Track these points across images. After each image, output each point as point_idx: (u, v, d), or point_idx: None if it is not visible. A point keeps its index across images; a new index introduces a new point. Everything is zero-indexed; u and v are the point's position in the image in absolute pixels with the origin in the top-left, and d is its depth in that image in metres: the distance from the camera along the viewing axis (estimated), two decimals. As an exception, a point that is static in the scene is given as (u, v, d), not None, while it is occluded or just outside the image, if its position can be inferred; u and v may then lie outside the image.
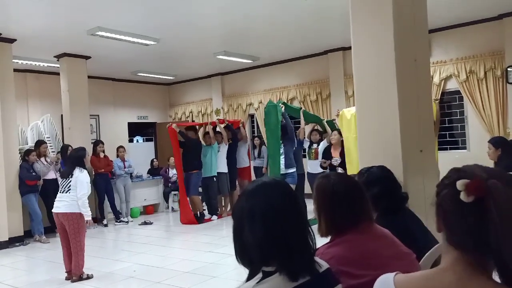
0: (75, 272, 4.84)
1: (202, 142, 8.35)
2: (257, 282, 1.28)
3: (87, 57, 8.62)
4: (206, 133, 8.48)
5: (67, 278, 4.91)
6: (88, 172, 5.09)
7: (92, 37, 6.96)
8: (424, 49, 3.59)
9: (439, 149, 7.75)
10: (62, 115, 8.94)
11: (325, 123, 7.56)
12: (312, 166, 7.30)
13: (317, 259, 1.41)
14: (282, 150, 6.80)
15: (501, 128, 7.44)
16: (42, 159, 7.43)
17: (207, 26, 7.19)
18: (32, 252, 6.57)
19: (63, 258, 4.97)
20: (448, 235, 1.03)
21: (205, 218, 8.14)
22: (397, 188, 2.36)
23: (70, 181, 4.83)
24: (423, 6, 3.53)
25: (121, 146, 9.12)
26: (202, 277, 4.78)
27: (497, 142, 4.73)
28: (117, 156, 8.92)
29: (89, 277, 4.92)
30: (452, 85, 8.06)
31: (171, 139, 8.04)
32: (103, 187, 8.27)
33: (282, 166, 6.77)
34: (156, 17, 6.50)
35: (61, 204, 4.80)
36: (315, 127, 7.79)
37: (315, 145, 7.38)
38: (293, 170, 6.88)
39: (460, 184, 0.96)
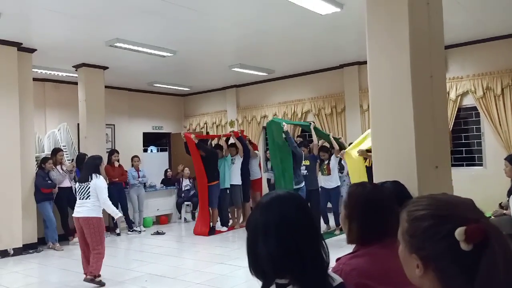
0: (91, 272, 4.94)
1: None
2: None
3: (104, 68, 8.77)
4: (218, 145, 8.52)
5: (85, 280, 5.00)
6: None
7: (110, 48, 7.10)
8: (440, 65, 3.57)
9: (455, 165, 7.68)
10: (78, 124, 9.08)
11: (332, 138, 7.56)
12: (325, 181, 7.50)
13: (330, 273, 1.40)
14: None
15: (518, 145, 7.33)
16: (58, 167, 7.53)
17: (223, 40, 7.27)
18: (45, 259, 6.63)
19: (81, 262, 5.09)
20: (444, 285, 0.96)
21: (216, 229, 8.14)
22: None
23: (89, 187, 4.98)
24: (439, 22, 3.53)
25: (135, 156, 9.20)
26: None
27: None
28: (132, 165, 9.00)
29: (101, 283, 4.97)
30: (468, 101, 7.98)
31: (189, 146, 7.94)
32: (117, 196, 8.32)
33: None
34: (173, 30, 6.60)
35: (82, 209, 4.95)
36: (323, 143, 7.74)
37: (325, 161, 7.47)
38: (301, 185, 6.95)
39: (459, 233, 0.90)
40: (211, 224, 8.08)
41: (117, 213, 5.21)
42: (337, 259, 1.69)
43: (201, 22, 6.26)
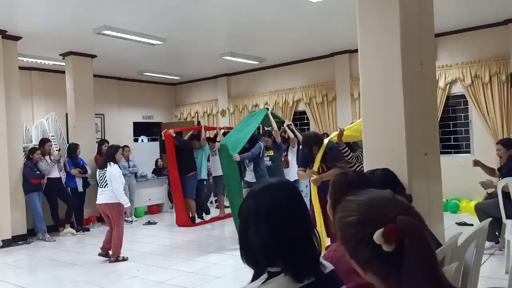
0: (113, 253, 5.56)
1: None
2: (263, 283, 1.29)
3: (93, 56, 8.65)
4: (194, 136, 8.47)
5: (99, 254, 5.67)
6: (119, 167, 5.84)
7: (98, 35, 6.99)
8: (430, 53, 3.58)
9: (444, 152, 7.75)
10: (67, 114, 8.97)
11: (287, 128, 7.13)
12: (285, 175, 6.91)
13: (322, 261, 1.41)
14: (251, 164, 6.56)
15: (505, 132, 7.41)
16: (47, 157, 7.45)
17: (214, 27, 7.20)
18: (35, 250, 6.59)
19: (104, 239, 5.72)
20: (383, 284, 0.98)
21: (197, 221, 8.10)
22: (400, 190, 2.35)
23: (106, 175, 5.59)
24: (429, 10, 3.53)
25: (126, 146, 9.13)
26: (206, 277, 4.78)
27: (508, 143, 5.16)
28: (122, 155, 8.92)
29: (124, 259, 5.59)
30: (457, 89, 8.04)
31: (166, 144, 7.98)
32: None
33: (252, 177, 6.54)
34: (163, 17, 6.51)
35: (102, 196, 5.59)
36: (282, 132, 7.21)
37: (284, 153, 7.07)
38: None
39: (377, 237, 0.92)
40: (190, 214, 8.00)
41: (126, 203, 5.68)
42: (327, 247, 1.69)
43: (192, 9, 6.18)
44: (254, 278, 1.36)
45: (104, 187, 5.59)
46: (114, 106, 11.13)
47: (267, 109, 7.07)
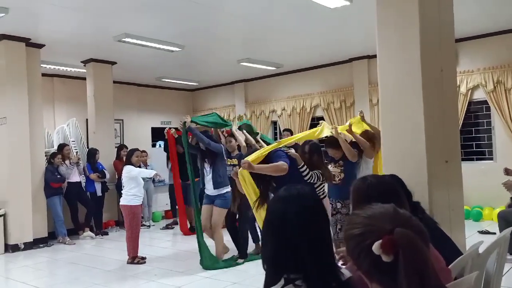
0: (130, 255, 5.74)
1: None
2: None
3: (113, 63, 8.79)
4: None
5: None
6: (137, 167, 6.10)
7: (118, 43, 7.10)
8: (451, 59, 3.53)
9: (465, 159, 7.60)
10: (87, 119, 9.12)
11: (259, 139, 6.06)
12: None
13: (340, 268, 1.43)
14: (209, 169, 5.46)
15: (530, 140, 7.23)
16: (67, 161, 7.58)
17: (231, 34, 7.24)
18: (55, 253, 6.69)
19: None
20: None
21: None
22: (406, 197, 2.29)
23: (122, 179, 5.94)
24: (450, 15, 3.48)
25: (143, 151, 9.22)
26: (222, 283, 4.78)
27: None
28: (137, 158, 8.98)
29: (140, 262, 5.72)
30: (479, 95, 7.88)
31: (169, 146, 7.21)
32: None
33: (210, 188, 5.43)
34: (181, 24, 6.58)
35: (122, 198, 5.85)
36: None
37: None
38: (225, 190, 5.40)
39: (375, 248, 0.98)
40: (189, 223, 7.62)
41: (150, 173, 6.26)
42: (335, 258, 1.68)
43: (209, 16, 6.24)
44: (268, 284, 1.37)
45: (123, 189, 5.88)
46: (133, 112, 11.27)
47: (231, 125, 6.02)
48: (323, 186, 4.28)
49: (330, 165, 4.54)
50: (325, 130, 4.89)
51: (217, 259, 5.45)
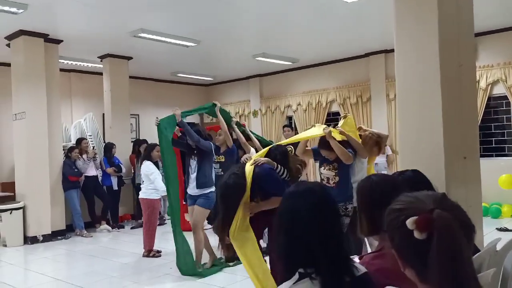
0: (146, 248, 5.80)
1: None
2: (294, 283, 1.33)
3: (129, 58, 8.86)
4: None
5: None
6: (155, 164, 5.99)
7: (134, 38, 7.15)
8: (470, 53, 3.46)
9: (484, 155, 7.47)
10: (103, 114, 9.22)
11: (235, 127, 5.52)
12: None
13: (355, 263, 1.44)
14: (195, 166, 5.07)
15: (552, 136, 7.07)
16: (84, 155, 7.69)
17: (247, 29, 7.22)
18: (73, 245, 6.81)
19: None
20: (418, 275, 1.03)
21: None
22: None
23: (141, 173, 5.97)
24: (469, 10, 3.41)
25: (157, 145, 9.23)
26: (237, 277, 4.80)
27: None
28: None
29: (156, 255, 5.74)
30: (499, 90, 7.73)
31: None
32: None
33: (193, 187, 5.03)
34: (197, 20, 6.59)
35: (141, 192, 5.88)
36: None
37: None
38: (209, 190, 5.01)
39: (410, 223, 0.98)
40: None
41: (162, 187, 5.57)
42: (360, 257, 1.66)
43: (225, 11, 6.23)
44: (283, 279, 1.39)
45: (142, 184, 5.95)
46: (149, 107, 11.35)
47: (215, 104, 5.49)
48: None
49: (322, 167, 4.20)
50: (316, 130, 4.33)
51: (194, 265, 4.85)
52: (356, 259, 1.69)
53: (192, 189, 5.03)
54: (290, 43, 8.20)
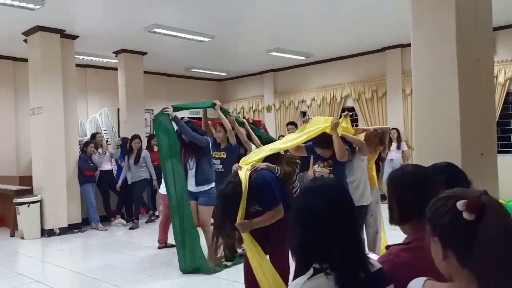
0: (161, 240, 5.90)
1: None
2: (308, 278, 1.34)
3: (143, 53, 8.91)
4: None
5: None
6: None
7: (149, 34, 7.18)
8: (488, 48, 3.39)
9: (502, 152, 7.33)
10: (118, 109, 9.30)
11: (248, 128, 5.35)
12: None
13: (370, 259, 1.45)
14: (192, 163, 4.94)
15: None
16: (99, 150, 7.78)
17: (261, 23, 7.19)
18: (88, 239, 6.91)
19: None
20: (461, 260, 1.06)
21: None
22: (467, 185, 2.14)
23: None
24: (487, 3, 3.34)
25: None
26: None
27: None
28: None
29: (173, 246, 5.37)
30: (518, 85, 7.57)
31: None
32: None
33: (192, 184, 4.93)
34: (211, 15, 6.58)
35: (162, 186, 5.66)
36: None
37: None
38: (209, 187, 4.93)
39: (460, 204, 1.03)
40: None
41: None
42: (387, 247, 1.65)
43: (239, 6, 6.21)
44: (298, 273, 1.40)
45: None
46: (163, 102, 11.31)
47: (214, 104, 5.30)
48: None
49: (316, 165, 4.03)
50: (317, 123, 4.10)
51: (197, 260, 4.75)
52: (371, 255, 1.68)
53: (192, 186, 4.93)
54: (304, 37, 8.15)
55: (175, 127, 4.90)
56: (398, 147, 8.76)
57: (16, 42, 7.51)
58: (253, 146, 5.13)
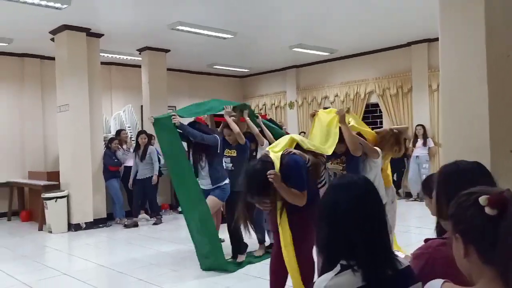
0: None
1: None
2: (335, 274, 1.35)
3: (166, 51, 8.98)
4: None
5: None
6: None
7: (172, 31, 7.23)
8: (520, 41, 3.27)
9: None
10: (142, 106, 9.42)
11: (261, 124, 5.32)
12: None
13: (398, 257, 1.45)
14: (204, 162, 4.91)
15: None
16: (124, 146, 7.89)
17: (283, 19, 7.15)
18: (113, 233, 7.03)
19: None
20: (483, 256, 1.06)
21: None
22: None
23: None
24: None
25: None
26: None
27: None
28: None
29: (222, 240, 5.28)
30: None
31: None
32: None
33: (208, 184, 4.89)
34: (234, 11, 6.58)
35: None
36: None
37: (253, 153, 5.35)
38: (224, 182, 4.90)
39: (482, 199, 1.03)
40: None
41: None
42: (426, 240, 1.62)
43: (262, 2, 6.19)
44: (324, 270, 1.41)
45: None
46: (185, 98, 11.46)
47: (223, 109, 5.33)
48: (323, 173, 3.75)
49: (329, 162, 3.93)
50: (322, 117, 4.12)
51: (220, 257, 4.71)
52: (397, 253, 1.65)
53: (206, 185, 4.89)
54: (328, 33, 8.06)
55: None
56: (424, 144, 8.59)
57: (43, 41, 7.69)
58: (265, 141, 5.12)
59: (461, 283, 1.36)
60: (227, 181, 4.91)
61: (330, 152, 3.76)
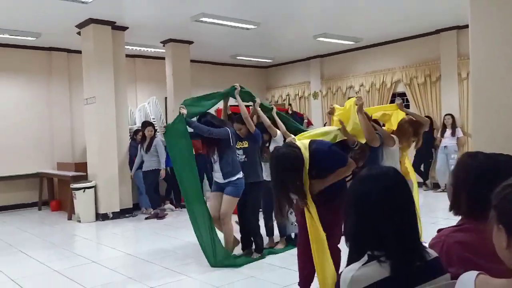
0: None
1: None
2: (363, 264, 1.36)
3: (190, 42, 9.00)
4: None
5: None
6: None
7: (196, 23, 7.23)
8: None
9: None
10: (166, 98, 9.49)
11: (275, 115, 5.25)
12: (266, 171, 4.93)
13: (426, 248, 1.45)
14: (216, 156, 4.76)
15: None
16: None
17: (307, 9, 7.03)
18: (139, 223, 7.16)
19: None
20: None
21: None
22: None
23: None
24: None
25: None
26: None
27: None
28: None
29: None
30: None
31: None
32: (203, 167, 8.61)
33: (220, 177, 4.74)
34: (257, 2, 6.52)
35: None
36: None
37: (265, 144, 5.28)
38: (236, 177, 4.70)
39: None
40: None
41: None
42: (439, 230, 1.60)
43: (284, -9, 6.10)
44: (351, 260, 1.42)
45: None
46: (208, 90, 11.31)
47: (235, 88, 5.37)
48: None
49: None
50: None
51: (229, 253, 4.79)
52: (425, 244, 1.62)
53: (219, 178, 4.76)
54: (353, 22, 7.91)
55: (189, 129, 4.78)
56: (453, 134, 8.38)
57: (70, 34, 7.82)
58: (278, 132, 5.04)
59: (480, 267, 1.31)
60: (239, 175, 4.72)
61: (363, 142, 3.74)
